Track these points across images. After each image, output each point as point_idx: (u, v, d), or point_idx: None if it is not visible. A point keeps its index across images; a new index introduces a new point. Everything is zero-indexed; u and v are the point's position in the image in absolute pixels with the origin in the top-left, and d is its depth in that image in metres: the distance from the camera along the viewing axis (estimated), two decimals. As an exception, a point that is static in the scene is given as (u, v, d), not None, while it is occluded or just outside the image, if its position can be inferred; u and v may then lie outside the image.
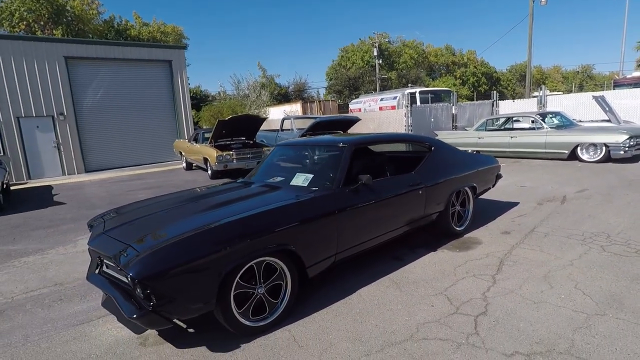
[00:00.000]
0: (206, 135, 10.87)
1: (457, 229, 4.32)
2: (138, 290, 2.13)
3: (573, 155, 8.76)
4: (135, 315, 2.06)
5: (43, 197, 8.99)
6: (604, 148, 8.21)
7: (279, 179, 3.66)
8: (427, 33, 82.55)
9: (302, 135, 11.00)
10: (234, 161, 9.38)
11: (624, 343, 2.25)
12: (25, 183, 12.11)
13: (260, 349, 2.42)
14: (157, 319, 2.11)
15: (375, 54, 40.41)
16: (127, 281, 2.27)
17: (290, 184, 3.36)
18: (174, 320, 2.23)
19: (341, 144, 3.47)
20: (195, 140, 11.08)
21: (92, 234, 2.88)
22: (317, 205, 2.88)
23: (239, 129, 10.21)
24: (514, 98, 18.13)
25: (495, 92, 15.24)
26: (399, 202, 3.50)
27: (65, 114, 13.07)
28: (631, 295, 2.81)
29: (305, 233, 2.72)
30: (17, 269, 4.27)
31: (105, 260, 2.59)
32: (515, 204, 5.62)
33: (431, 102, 16.32)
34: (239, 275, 2.41)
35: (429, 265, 3.59)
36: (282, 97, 35.96)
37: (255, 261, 2.47)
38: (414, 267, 3.58)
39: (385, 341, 2.43)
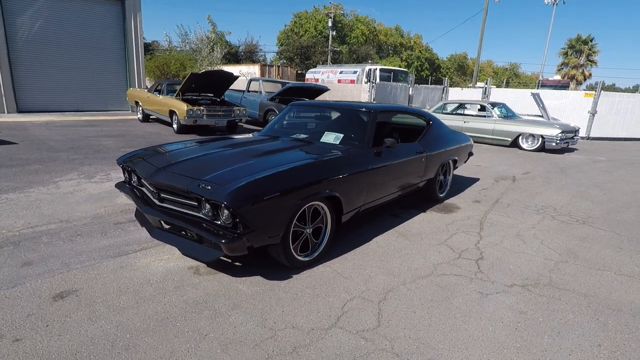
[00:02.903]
0: (170, 87, 10.36)
1: (440, 195, 4.97)
2: (224, 218, 2.35)
3: (514, 143, 10.03)
4: (224, 241, 2.28)
5: (-19, 135, 8.03)
6: (540, 139, 9.54)
7: (303, 135, 3.92)
8: (381, 11, 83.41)
9: (272, 99, 11.05)
10: (204, 117, 9.16)
11: (585, 279, 3.01)
12: (-56, 117, 10.56)
13: (310, 279, 2.79)
14: (240, 245, 2.35)
15: (330, 24, 40.20)
16: (202, 213, 2.46)
17: (321, 140, 3.65)
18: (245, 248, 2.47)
19: (365, 109, 3.82)
20: (158, 91, 10.50)
21: (141, 170, 2.92)
22: (357, 161, 3.24)
23: (208, 84, 9.91)
24: (451, 86, 19.34)
25: (447, 78, 16.41)
26: (408, 165, 3.99)
27: (-6, 42, 11.42)
28: (581, 249, 3.64)
29: (347, 183, 3.07)
30: (1, 205, 4.04)
31: (164, 195, 2.71)
32: (477, 179, 6.48)
33: (388, 81, 17.04)
34: (297, 215, 2.71)
35: (424, 223, 4.18)
36: (232, 56, 34.41)
37: (310, 203, 2.78)
38: (412, 223, 4.14)
39: (413, 275, 2.93)
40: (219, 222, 2.40)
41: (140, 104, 11.27)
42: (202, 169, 2.69)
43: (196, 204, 2.50)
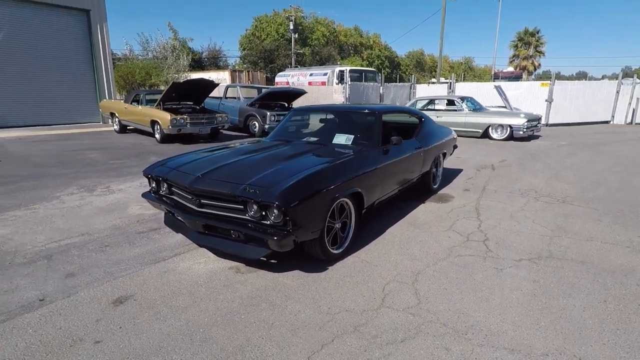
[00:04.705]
0: (148, 97, 10.23)
1: (434, 186, 5.35)
2: (274, 217, 2.55)
3: (485, 134, 10.71)
4: (276, 238, 2.48)
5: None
6: (508, 129, 10.26)
7: (313, 138, 4.15)
8: (339, 12, 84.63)
9: (251, 105, 11.16)
10: (188, 125, 9.15)
11: (578, 250, 3.45)
12: None
13: (345, 269, 3.03)
14: (289, 242, 2.56)
15: (292, 27, 40.45)
16: (248, 215, 2.65)
17: (333, 142, 3.90)
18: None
19: (368, 111, 4.12)
20: (137, 101, 10.33)
21: (177, 179, 3.04)
22: (372, 159, 3.52)
23: (188, 92, 9.88)
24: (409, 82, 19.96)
25: (414, 76, 17.08)
26: (410, 160, 4.32)
27: (-50, 57, 10.79)
28: (568, 225, 4.11)
29: (367, 180, 3.34)
30: (13, 222, 3.99)
31: (205, 201, 2.86)
32: (460, 170, 6.96)
33: (358, 81, 17.51)
34: (330, 211, 2.95)
35: (427, 212, 4.52)
36: (196, 63, 33.86)
37: (340, 199, 3.03)
38: (416, 214, 4.48)
39: (433, 259, 3.25)
40: (268, 222, 2.59)
41: (116, 115, 11.01)
42: (241, 175, 2.87)
43: (242, 207, 2.68)
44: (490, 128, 10.59)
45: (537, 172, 6.72)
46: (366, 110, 4.15)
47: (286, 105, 11.98)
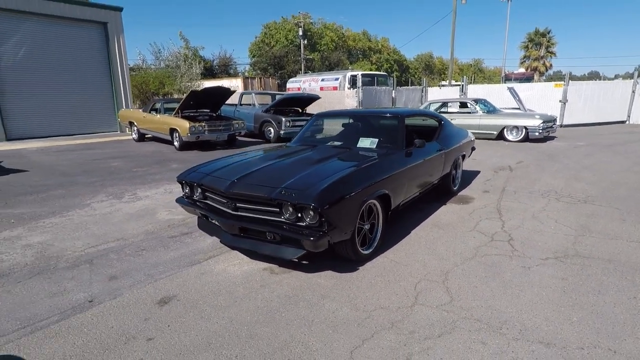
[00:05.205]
0: (166, 106, 10.49)
1: (454, 188, 5.41)
2: (310, 218, 2.66)
3: (500, 136, 10.70)
4: (312, 239, 2.59)
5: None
6: (524, 130, 10.25)
7: (337, 142, 4.26)
8: (348, 17, 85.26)
9: (266, 111, 11.34)
10: (206, 132, 9.36)
11: (604, 248, 3.48)
12: None
13: (375, 269, 3.12)
14: (324, 242, 2.67)
15: (300, 33, 40.88)
16: (284, 217, 2.76)
17: (358, 146, 4.01)
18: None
19: (391, 115, 4.21)
20: (155, 110, 10.59)
21: (213, 184, 3.17)
22: (397, 161, 3.62)
23: (205, 101, 10.11)
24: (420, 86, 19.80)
25: (425, 79, 17.12)
26: (433, 162, 4.40)
27: (-23, 72, 11.21)
28: (592, 224, 4.14)
29: (393, 182, 3.44)
30: (51, 229, 4.17)
31: (240, 204, 2.98)
32: (478, 171, 7.00)
33: (370, 85, 17.62)
34: (360, 213, 3.05)
35: (449, 214, 4.59)
36: (207, 71, 34.37)
37: (369, 201, 3.13)
38: (438, 215, 4.54)
39: (460, 258, 3.32)
40: (304, 224, 2.70)
41: (135, 124, 11.30)
42: (274, 178, 2.99)
43: (277, 209, 2.79)
44: (505, 130, 10.58)
45: (556, 173, 6.72)
46: (389, 114, 4.25)
47: (300, 110, 12.14)
